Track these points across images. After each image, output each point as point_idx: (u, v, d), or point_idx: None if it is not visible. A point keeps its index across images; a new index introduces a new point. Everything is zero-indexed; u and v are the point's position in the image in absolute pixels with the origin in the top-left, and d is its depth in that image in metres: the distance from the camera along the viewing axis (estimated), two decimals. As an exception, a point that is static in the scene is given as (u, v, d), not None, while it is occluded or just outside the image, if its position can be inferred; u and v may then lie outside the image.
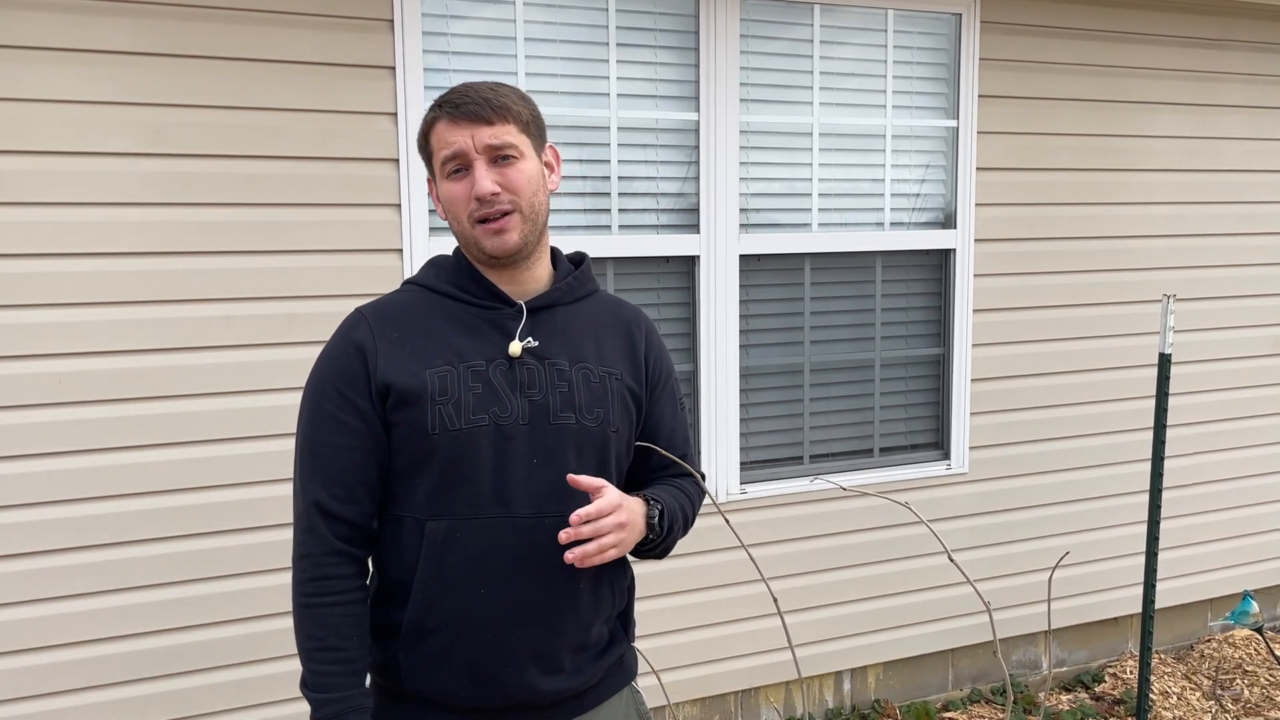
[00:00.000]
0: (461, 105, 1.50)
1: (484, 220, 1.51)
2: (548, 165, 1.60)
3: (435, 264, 1.63)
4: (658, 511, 1.57)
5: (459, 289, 1.57)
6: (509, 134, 1.51)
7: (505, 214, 1.51)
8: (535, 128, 1.57)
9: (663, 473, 1.71)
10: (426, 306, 1.56)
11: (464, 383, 1.50)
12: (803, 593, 3.42)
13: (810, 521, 3.40)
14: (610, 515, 1.44)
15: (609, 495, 1.46)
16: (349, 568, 1.50)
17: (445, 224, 1.68)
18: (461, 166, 1.51)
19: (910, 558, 3.56)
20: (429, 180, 1.61)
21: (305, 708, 1.54)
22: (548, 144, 1.61)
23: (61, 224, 2.51)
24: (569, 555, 1.42)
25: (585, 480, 1.46)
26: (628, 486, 1.67)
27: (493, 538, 1.50)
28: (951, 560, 1.11)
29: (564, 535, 1.42)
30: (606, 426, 1.58)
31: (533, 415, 1.52)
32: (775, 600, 1.25)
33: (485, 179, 1.49)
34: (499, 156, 1.51)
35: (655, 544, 1.60)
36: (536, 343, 1.55)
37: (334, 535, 1.49)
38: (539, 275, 1.61)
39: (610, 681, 1.67)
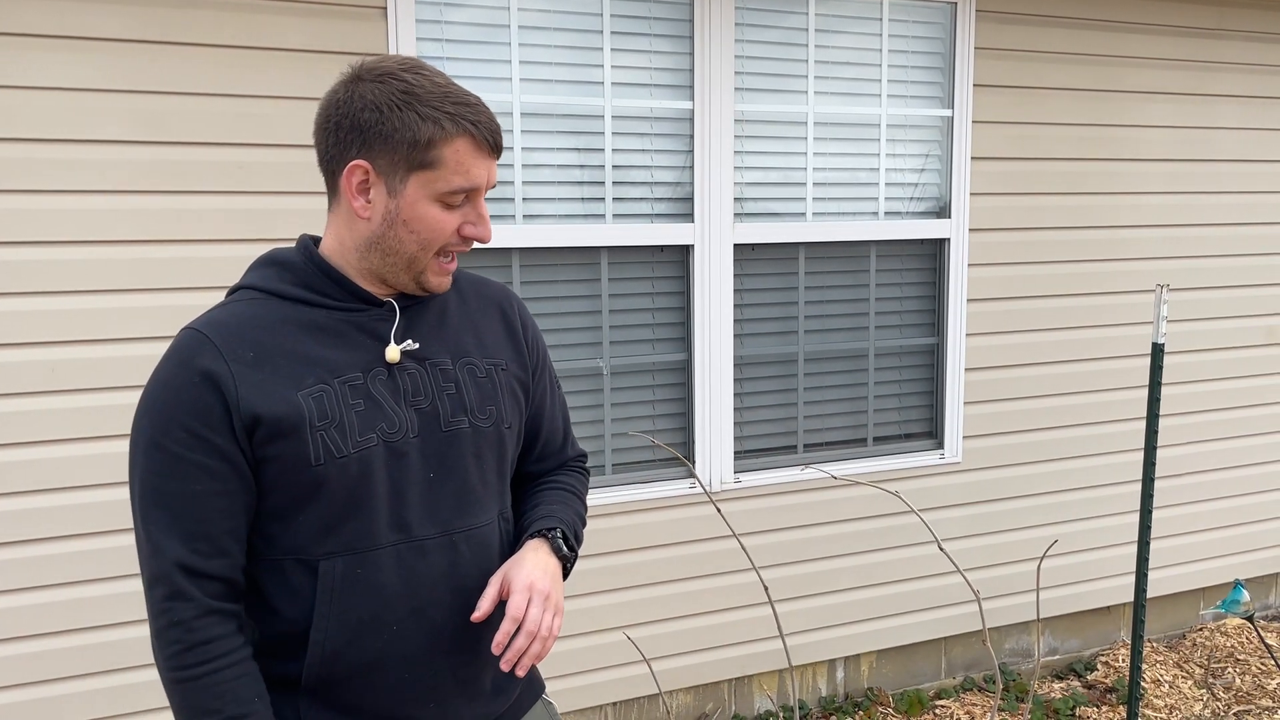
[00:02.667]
0: (488, 133, 1.32)
1: (447, 256, 1.36)
2: None
3: (277, 263, 1.38)
4: (560, 537, 1.44)
5: (314, 292, 1.35)
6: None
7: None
8: None
9: (546, 462, 1.60)
10: (277, 316, 1.32)
11: (343, 401, 1.31)
12: (797, 581, 3.43)
13: (804, 510, 3.41)
14: (531, 606, 1.32)
15: (514, 587, 1.33)
16: (229, 624, 1.29)
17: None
18: (466, 200, 1.34)
19: (904, 546, 3.57)
20: (366, 169, 1.30)
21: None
22: None
23: (53, 212, 2.50)
24: (519, 671, 1.32)
25: (485, 606, 1.33)
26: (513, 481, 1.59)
27: (399, 568, 1.34)
28: (941, 549, 1.11)
29: (504, 664, 1.31)
30: (500, 424, 1.44)
31: (422, 425, 1.36)
32: (766, 589, 1.25)
33: (488, 224, 1.36)
34: None
35: (573, 560, 1.48)
36: (416, 344, 1.37)
37: (206, 595, 1.27)
38: None
39: (524, 699, 1.56)
